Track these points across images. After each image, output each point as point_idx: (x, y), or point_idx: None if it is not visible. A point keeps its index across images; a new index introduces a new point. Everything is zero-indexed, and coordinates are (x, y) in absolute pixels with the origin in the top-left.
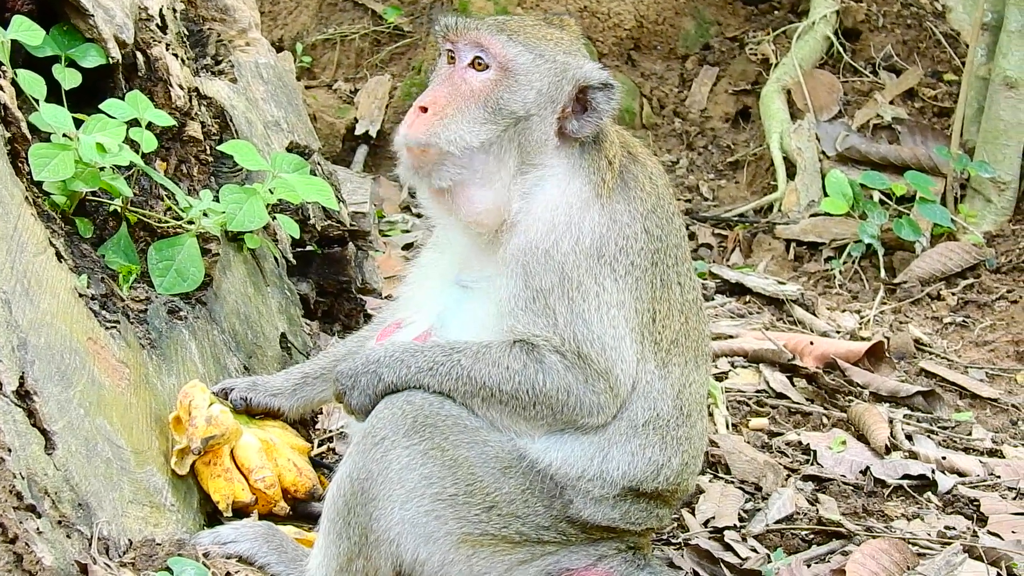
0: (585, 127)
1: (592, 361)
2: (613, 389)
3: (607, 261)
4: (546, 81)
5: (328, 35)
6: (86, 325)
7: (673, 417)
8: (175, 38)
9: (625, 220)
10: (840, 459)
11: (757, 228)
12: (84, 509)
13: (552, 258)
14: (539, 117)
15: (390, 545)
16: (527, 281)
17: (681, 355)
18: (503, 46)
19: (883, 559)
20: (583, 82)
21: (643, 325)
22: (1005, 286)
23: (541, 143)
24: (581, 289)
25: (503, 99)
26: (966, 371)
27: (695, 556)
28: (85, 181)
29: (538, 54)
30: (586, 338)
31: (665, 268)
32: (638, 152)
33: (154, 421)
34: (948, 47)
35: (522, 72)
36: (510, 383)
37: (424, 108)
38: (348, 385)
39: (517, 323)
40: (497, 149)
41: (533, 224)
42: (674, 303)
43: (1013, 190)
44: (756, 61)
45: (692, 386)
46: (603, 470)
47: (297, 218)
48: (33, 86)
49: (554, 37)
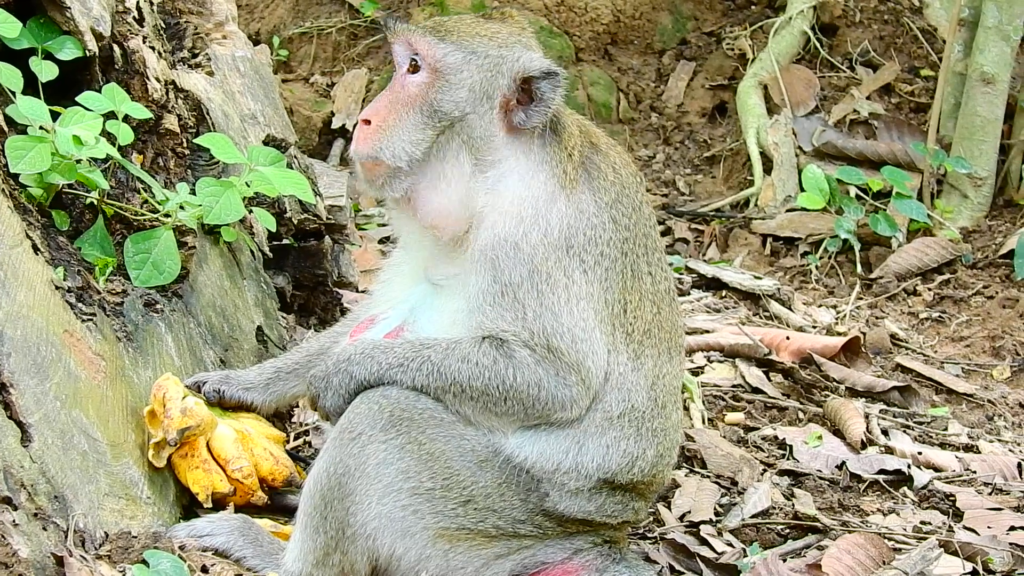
0: (533, 117)
1: (563, 354)
2: (585, 382)
3: (576, 252)
4: (478, 77)
5: (305, 29)
6: (62, 317)
7: (648, 409)
8: (152, 31)
9: (592, 211)
10: (816, 454)
11: (733, 223)
12: (60, 502)
13: (521, 251)
14: (476, 115)
15: (367, 540)
16: (496, 275)
17: (654, 346)
18: (431, 47)
19: (859, 553)
20: (523, 73)
21: (614, 316)
22: (981, 282)
23: (487, 139)
24: (550, 282)
25: (436, 100)
26: (942, 366)
27: (671, 550)
28: (62, 173)
29: (469, 51)
30: (556, 331)
31: (635, 258)
32: (600, 142)
33: (130, 414)
34: (925, 43)
35: (452, 71)
36: (480, 379)
37: (367, 121)
38: (321, 387)
39: (486, 319)
40: (443, 152)
41: (500, 219)
42: (645, 294)
43: (989, 186)
44: (733, 56)
45: (666, 377)
46: (578, 463)
47: (274, 211)
48: (10, 78)
49: (489, 32)
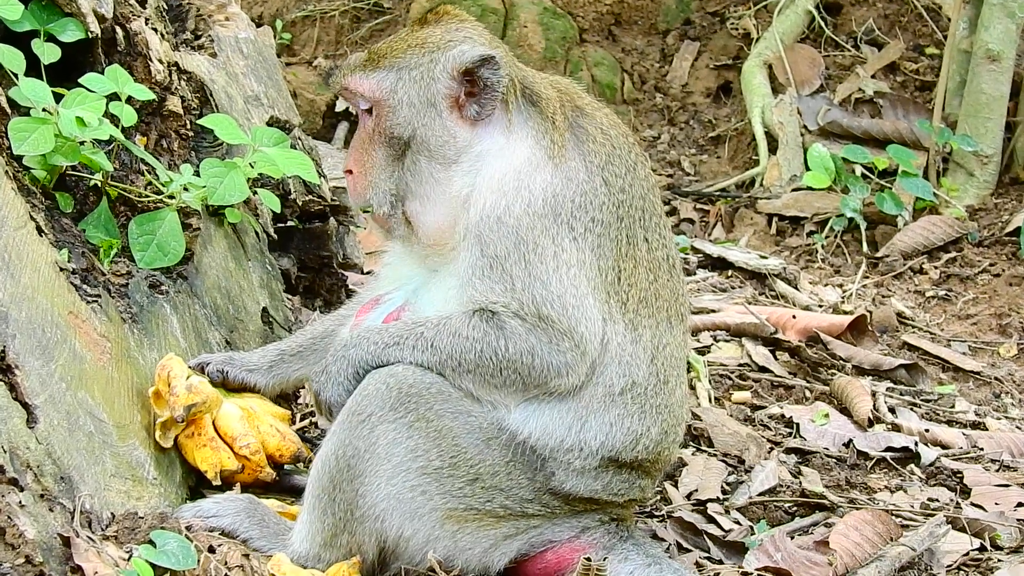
0: (486, 105)
1: (554, 321)
2: (579, 347)
3: (564, 220)
4: (414, 90)
5: (308, 12)
6: (67, 299)
7: (651, 384)
8: (154, 12)
9: (582, 176)
10: (823, 432)
11: (739, 203)
12: (66, 483)
13: (504, 223)
14: (425, 126)
15: (375, 521)
16: (483, 250)
17: (652, 316)
18: (363, 83)
19: (866, 530)
20: (459, 68)
21: (608, 284)
22: (987, 259)
23: (448, 143)
24: (538, 251)
25: (388, 129)
26: (949, 344)
27: (678, 528)
28: (65, 155)
29: (397, 70)
30: (545, 299)
31: (631, 223)
32: (585, 105)
33: (136, 395)
34: (930, 20)
35: (389, 95)
36: (472, 351)
37: (350, 171)
38: (322, 381)
39: (476, 292)
40: (413, 173)
41: (481, 197)
42: (640, 260)
43: (995, 163)
44: (737, 36)
45: (667, 348)
46: (581, 439)
47: (278, 193)
48: (12, 60)
49: (419, 41)
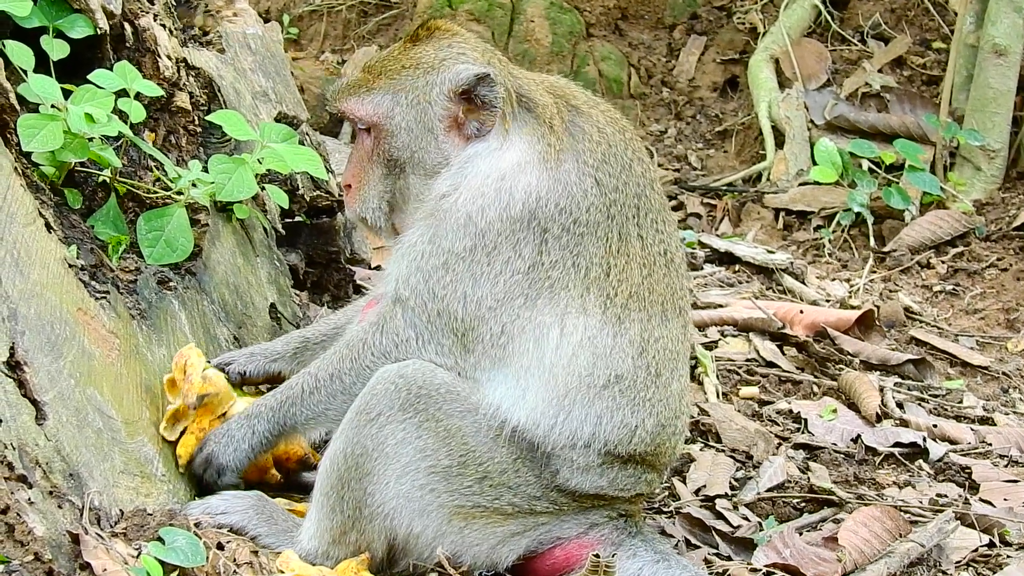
0: (486, 122)
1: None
2: (457, 333)
3: (539, 224)
4: (411, 115)
5: (315, 6)
6: (76, 295)
7: (640, 378)
8: (163, 8)
9: (572, 179)
10: (831, 427)
11: (746, 197)
12: (75, 479)
13: (473, 223)
14: (422, 150)
15: (384, 519)
16: (434, 235)
17: (643, 310)
18: (359, 107)
19: (875, 526)
20: (455, 89)
21: (591, 280)
22: (995, 254)
23: (442, 161)
24: (491, 254)
25: (386, 151)
26: (956, 339)
27: (687, 524)
28: (74, 152)
29: (393, 93)
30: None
31: (623, 221)
32: (581, 104)
33: (145, 391)
34: (937, 15)
35: (386, 119)
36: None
37: (348, 185)
38: (222, 443)
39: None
40: (409, 192)
41: (460, 193)
42: (634, 257)
43: (1002, 158)
44: (744, 30)
45: (659, 343)
46: (572, 431)
47: (286, 188)
48: (21, 57)
49: (413, 61)
